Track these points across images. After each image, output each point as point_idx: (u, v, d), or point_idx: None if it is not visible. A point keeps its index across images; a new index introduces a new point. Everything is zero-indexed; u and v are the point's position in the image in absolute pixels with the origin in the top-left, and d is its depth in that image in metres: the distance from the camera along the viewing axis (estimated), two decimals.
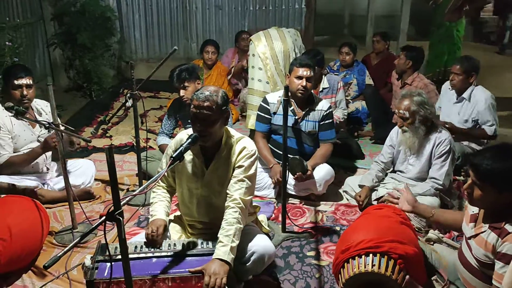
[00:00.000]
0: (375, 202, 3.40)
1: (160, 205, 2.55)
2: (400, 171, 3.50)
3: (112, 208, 1.68)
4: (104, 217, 1.69)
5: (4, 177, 3.24)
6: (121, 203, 1.70)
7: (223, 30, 7.17)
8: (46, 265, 1.53)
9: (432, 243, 2.58)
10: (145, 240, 2.41)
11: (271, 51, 4.17)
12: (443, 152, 3.22)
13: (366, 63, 5.75)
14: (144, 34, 7.55)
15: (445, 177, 3.21)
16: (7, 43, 4.48)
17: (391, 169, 3.62)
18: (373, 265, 2.11)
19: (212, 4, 7.33)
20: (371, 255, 2.13)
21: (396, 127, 3.41)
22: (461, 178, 3.86)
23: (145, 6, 7.38)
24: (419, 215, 2.67)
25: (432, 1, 6.06)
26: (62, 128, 3.04)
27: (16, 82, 3.21)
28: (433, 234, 2.64)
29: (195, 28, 7.48)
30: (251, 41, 4.31)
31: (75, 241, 1.67)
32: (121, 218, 1.69)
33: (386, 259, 2.12)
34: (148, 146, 4.32)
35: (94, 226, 1.71)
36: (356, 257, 2.15)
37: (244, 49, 6.26)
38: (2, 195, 3.12)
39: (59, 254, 1.57)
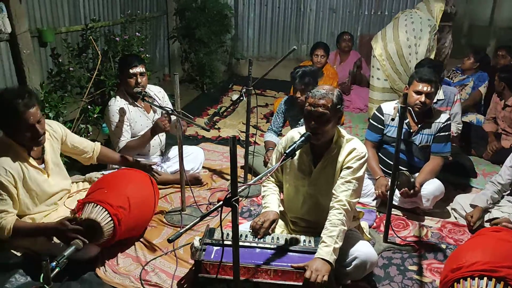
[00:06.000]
0: (487, 224, 3.18)
1: (273, 198, 2.61)
2: None
3: (230, 194, 1.77)
4: (221, 202, 1.78)
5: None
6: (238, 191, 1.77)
7: (335, 34, 7.08)
8: (170, 238, 1.66)
9: None
10: (249, 229, 2.50)
11: (386, 54, 4.39)
12: None
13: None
14: (257, 33, 7.74)
15: None
16: (136, 34, 4.85)
17: (509, 191, 3.35)
18: None
19: (327, 7, 7.31)
20: (485, 278, 2.00)
21: None
22: None
23: (260, 5, 7.56)
24: None
25: None
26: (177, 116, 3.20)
27: (131, 70, 3.42)
28: None
29: (307, 30, 7.51)
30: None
31: (195, 221, 1.77)
32: (236, 205, 1.77)
33: (502, 285, 1.97)
34: (253, 141, 4.44)
35: (213, 208, 1.80)
36: (469, 278, 2.03)
37: (345, 49, 6.21)
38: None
39: (181, 231, 1.70)
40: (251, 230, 2.47)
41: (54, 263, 2.00)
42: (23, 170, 2.50)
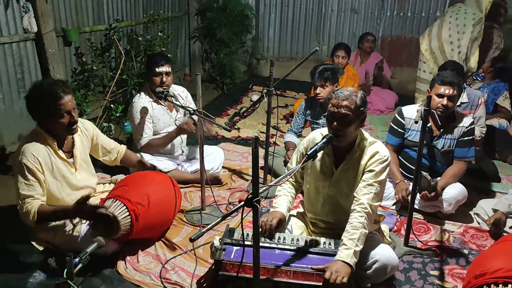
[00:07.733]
0: (510, 231, 3.12)
1: (284, 199, 2.62)
2: None
3: (251, 195, 1.77)
4: (242, 202, 1.78)
5: (147, 156, 3.56)
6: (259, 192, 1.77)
7: (356, 34, 7.03)
8: (192, 238, 1.67)
9: None
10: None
11: (430, 49, 4.72)
12: None
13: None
14: (278, 33, 7.72)
15: None
16: (159, 33, 4.90)
17: None
18: None
19: (348, 7, 7.25)
20: (510, 285, 1.96)
21: None
22: None
23: (281, 6, 7.54)
24: None
25: None
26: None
27: (157, 69, 3.45)
28: None
29: (328, 30, 7.46)
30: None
31: (217, 220, 1.78)
32: (258, 206, 1.77)
33: None
34: (273, 142, 4.44)
35: (234, 208, 1.81)
36: (492, 285, 1.99)
37: (367, 50, 6.16)
38: None
39: (203, 230, 1.71)
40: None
41: (77, 259, 2.03)
42: (51, 160, 2.57)
